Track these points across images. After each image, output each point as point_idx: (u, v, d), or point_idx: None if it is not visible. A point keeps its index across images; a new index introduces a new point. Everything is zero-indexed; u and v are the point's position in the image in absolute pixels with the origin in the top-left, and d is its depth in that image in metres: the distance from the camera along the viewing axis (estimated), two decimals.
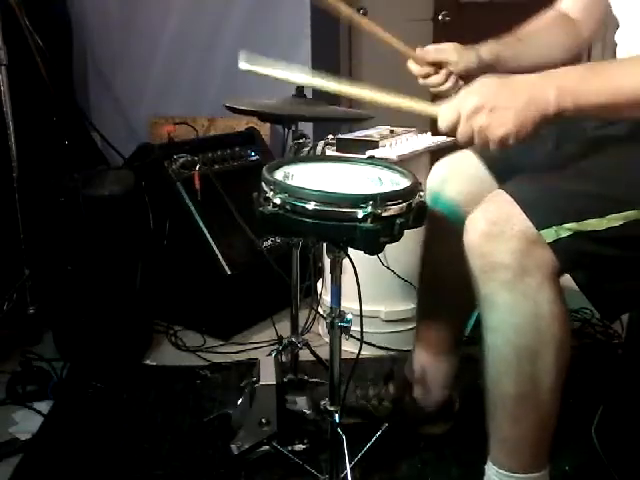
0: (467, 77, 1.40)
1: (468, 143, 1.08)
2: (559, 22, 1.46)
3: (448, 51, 1.42)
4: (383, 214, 1.09)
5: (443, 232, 1.42)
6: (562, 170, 1.16)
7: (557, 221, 1.05)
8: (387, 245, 1.13)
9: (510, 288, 1.06)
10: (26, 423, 1.66)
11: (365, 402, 1.56)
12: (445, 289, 1.48)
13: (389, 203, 1.11)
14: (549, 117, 1.03)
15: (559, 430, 1.17)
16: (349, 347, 1.35)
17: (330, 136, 1.96)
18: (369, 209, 1.08)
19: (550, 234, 1.05)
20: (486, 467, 1.21)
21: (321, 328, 2.14)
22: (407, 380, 1.57)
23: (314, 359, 1.71)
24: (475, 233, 1.09)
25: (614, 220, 1.06)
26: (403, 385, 1.56)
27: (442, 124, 1.09)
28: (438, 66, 1.42)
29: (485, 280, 1.09)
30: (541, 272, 1.06)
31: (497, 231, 1.06)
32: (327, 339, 1.38)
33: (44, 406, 1.72)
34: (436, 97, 1.30)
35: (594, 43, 3.21)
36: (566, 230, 1.05)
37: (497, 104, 1.03)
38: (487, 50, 1.40)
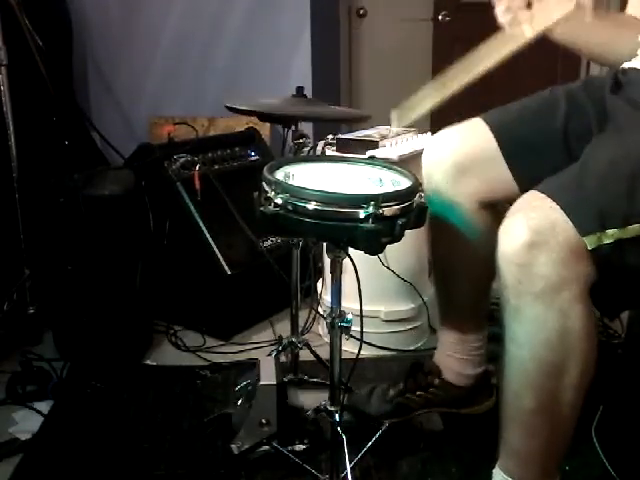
0: None
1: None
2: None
3: None
4: (384, 214, 1.09)
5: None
6: (593, 163, 1.09)
7: (601, 227, 1.00)
8: (387, 245, 1.13)
9: (545, 301, 1.01)
10: (26, 423, 1.66)
11: (400, 398, 1.53)
12: (456, 273, 1.45)
13: (390, 203, 1.11)
14: None
15: None
16: (349, 347, 1.35)
17: (330, 136, 1.96)
18: (370, 209, 1.08)
19: (592, 241, 1.00)
20: (494, 472, 1.19)
21: (321, 328, 2.14)
22: (435, 365, 1.54)
23: (314, 359, 1.71)
24: (515, 242, 1.02)
25: None
26: (429, 372, 1.54)
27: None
28: None
29: (519, 291, 1.03)
30: (577, 285, 1.01)
31: (541, 240, 1.00)
32: (327, 339, 1.38)
33: (44, 406, 1.72)
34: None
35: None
36: (609, 237, 1.00)
37: None
38: None
